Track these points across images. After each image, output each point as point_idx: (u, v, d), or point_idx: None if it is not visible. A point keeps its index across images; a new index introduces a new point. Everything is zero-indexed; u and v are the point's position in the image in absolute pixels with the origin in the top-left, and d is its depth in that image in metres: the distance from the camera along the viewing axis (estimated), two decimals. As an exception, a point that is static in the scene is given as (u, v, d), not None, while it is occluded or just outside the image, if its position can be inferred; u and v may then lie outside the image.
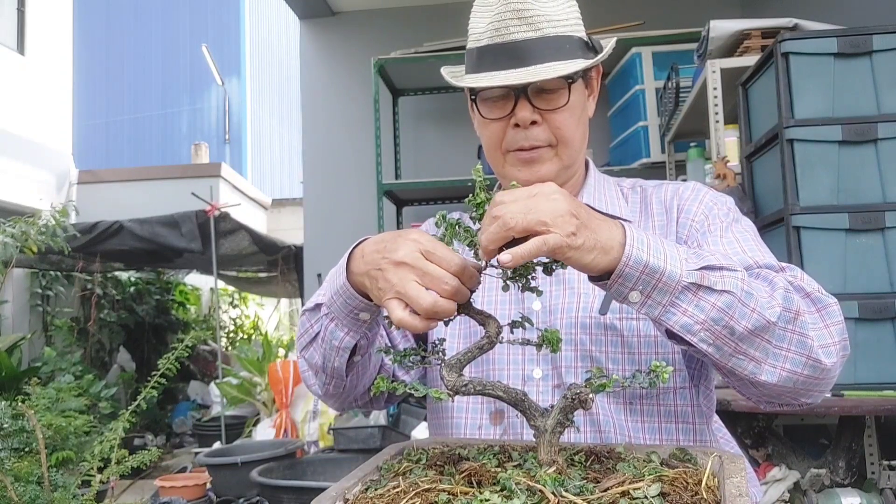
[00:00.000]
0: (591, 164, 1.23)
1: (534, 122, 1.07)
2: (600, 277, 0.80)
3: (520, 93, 1.06)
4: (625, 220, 1.11)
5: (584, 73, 1.11)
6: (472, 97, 1.12)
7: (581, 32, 1.10)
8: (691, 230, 1.08)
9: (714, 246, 1.02)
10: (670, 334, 0.86)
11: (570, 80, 1.07)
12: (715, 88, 2.40)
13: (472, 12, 1.11)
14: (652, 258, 0.79)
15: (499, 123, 1.09)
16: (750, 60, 2.27)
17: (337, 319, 0.95)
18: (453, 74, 1.15)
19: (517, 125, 1.07)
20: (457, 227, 0.77)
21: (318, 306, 1.01)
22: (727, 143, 2.43)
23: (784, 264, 0.98)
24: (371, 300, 0.89)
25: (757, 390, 0.91)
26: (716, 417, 1.19)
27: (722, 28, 2.41)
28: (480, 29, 1.08)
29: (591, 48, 1.10)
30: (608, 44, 1.12)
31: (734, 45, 2.44)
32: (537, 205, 0.74)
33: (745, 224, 1.10)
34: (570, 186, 1.17)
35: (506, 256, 0.72)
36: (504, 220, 0.73)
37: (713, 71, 2.40)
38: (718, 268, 0.84)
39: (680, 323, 0.82)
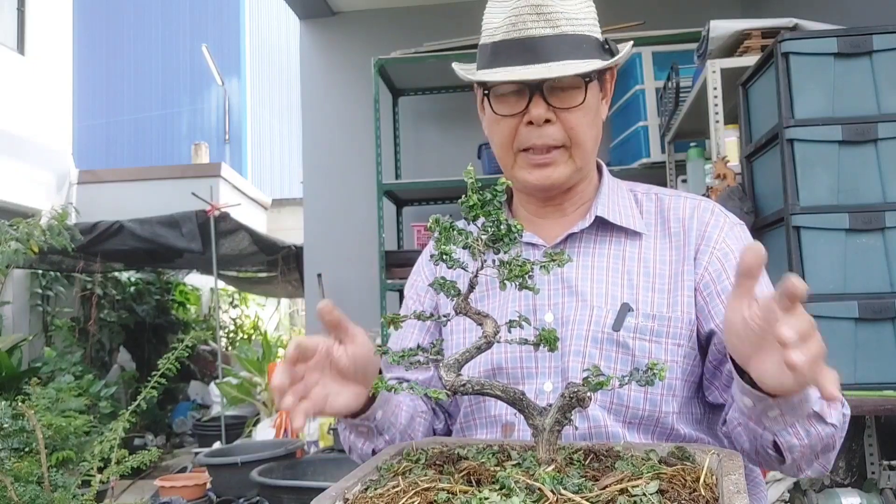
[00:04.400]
0: (605, 169, 1.19)
1: (548, 121, 1.04)
2: (753, 384, 0.81)
3: (535, 89, 1.03)
4: (639, 232, 1.11)
5: (600, 75, 1.09)
6: (485, 93, 1.09)
7: (597, 33, 1.08)
8: (712, 258, 1.06)
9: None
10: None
11: (587, 79, 1.04)
12: (715, 88, 2.40)
13: (486, 7, 1.09)
14: (811, 388, 0.81)
15: (511, 121, 1.06)
16: (750, 60, 2.27)
17: (352, 432, 1.06)
18: (466, 70, 1.11)
19: (530, 123, 1.04)
20: (451, 230, 0.77)
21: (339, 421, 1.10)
22: (727, 143, 2.43)
23: None
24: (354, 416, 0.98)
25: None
26: None
27: (722, 28, 2.41)
28: (496, 24, 1.05)
29: (608, 50, 1.08)
30: (624, 47, 1.11)
31: (734, 45, 2.44)
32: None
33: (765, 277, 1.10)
34: (582, 190, 1.15)
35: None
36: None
37: (713, 71, 2.40)
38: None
39: (790, 443, 0.88)
